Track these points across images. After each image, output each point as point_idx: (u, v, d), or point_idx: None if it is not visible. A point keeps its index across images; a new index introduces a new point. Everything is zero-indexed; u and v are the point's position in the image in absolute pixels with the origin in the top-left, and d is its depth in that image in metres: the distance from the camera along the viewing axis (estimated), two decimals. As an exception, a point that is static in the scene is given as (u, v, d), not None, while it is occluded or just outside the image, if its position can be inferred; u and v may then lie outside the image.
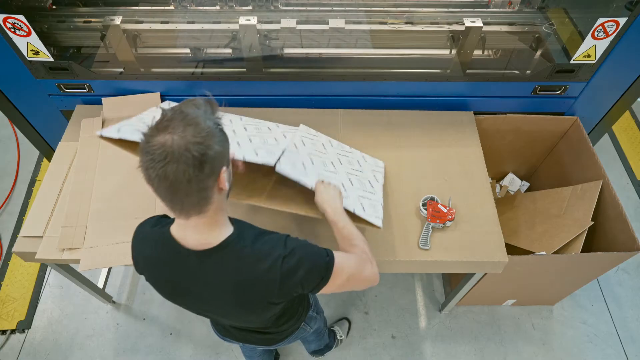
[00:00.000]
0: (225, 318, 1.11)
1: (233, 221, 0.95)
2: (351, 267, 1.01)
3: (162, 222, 0.98)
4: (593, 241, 1.81)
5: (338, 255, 0.99)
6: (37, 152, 2.82)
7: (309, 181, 1.26)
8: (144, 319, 2.18)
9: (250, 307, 0.98)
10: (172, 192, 0.78)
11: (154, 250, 0.94)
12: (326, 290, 0.99)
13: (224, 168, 0.83)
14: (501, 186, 2.40)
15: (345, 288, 1.02)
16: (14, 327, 2.15)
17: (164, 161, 0.74)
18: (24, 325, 2.16)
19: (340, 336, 2.08)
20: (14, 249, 1.48)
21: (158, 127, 0.76)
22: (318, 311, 1.49)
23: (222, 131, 0.82)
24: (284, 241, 0.94)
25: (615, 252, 1.60)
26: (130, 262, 1.43)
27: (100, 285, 2.13)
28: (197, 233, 0.88)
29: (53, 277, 2.31)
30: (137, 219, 1.52)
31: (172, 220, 0.95)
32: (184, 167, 0.75)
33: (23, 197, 2.63)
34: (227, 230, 0.91)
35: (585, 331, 2.16)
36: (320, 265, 0.95)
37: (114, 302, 2.23)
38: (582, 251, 1.65)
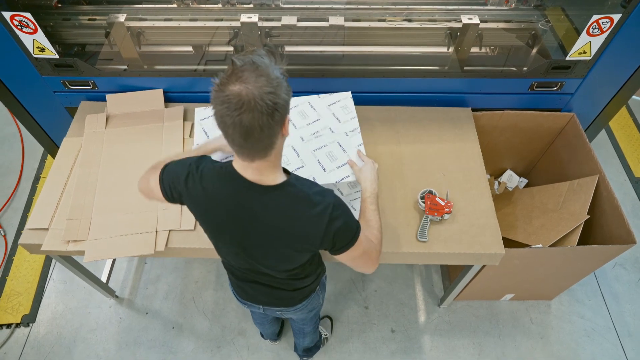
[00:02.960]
0: (262, 257, 1.14)
1: (286, 171, 1.04)
2: (367, 246, 1.11)
3: (213, 161, 1.05)
4: (590, 235, 1.83)
5: (362, 230, 1.08)
6: (41, 150, 2.85)
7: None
8: (147, 313, 2.21)
9: (292, 246, 1.06)
10: (245, 138, 0.86)
11: (217, 182, 1.00)
12: (343, 257, 1.09)
13: (288, 116, 0.91)
14: (499, 183, 2.42)
15: (353, 262, 1.12)
16: (18, 321, 2.18)
17: (240, 110, 0.81)
18: (29, 319, 2.19)
19: (325, 334, 2.11)
20: (20, 241, 1.52)
21: (231, 78, 0.83)
22: (324, 288, 1.52)
23: (287, 81, 0.89)
24: (333, 194, 1.03)
25: (610, 244, 1.63)
26: (133, 254, 1.47)
27: (103, 279, 2.16)
28: (259, 174, 0.96)
29: (57, 272, 2.34)
30: (140, 212, 1.57)
31: (210, 160, 1.04)
32: (259, 115, 0.82)
33: (27, 194, 2.66)
34: (283, 175, 1.00)
35: (582, 325, 2.19)
36: (354, 229, 1.05)
37: (116, 296, 2.26)
38: (579, 245, 1.68)
